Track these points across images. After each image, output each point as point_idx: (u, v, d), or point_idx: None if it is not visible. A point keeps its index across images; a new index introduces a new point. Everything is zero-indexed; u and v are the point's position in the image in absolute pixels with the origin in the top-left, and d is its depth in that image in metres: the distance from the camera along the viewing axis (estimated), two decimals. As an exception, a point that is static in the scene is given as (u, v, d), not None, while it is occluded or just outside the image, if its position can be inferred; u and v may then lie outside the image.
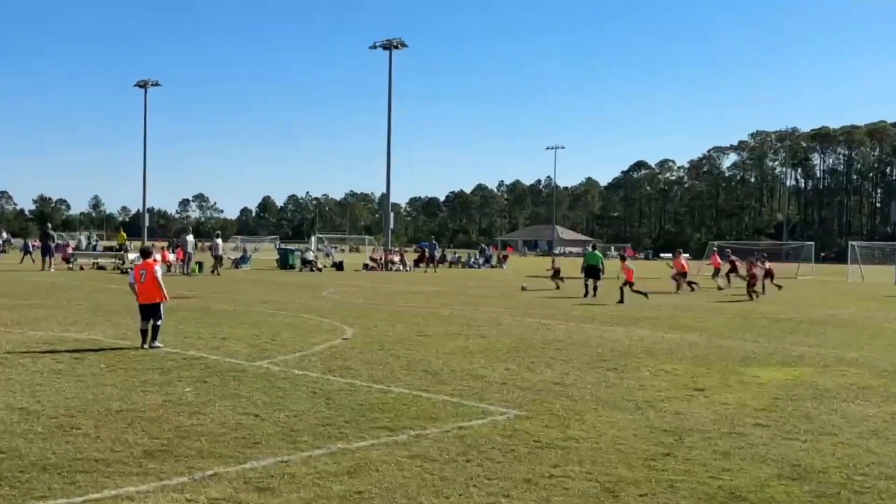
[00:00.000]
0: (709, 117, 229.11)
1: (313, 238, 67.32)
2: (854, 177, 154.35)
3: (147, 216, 68.59)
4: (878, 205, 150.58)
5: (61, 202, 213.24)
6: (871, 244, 66.44)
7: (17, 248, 75.65)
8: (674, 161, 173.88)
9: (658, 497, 5.63)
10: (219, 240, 36.86)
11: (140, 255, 13.68)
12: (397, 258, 46.38)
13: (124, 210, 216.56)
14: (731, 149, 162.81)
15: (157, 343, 12.02)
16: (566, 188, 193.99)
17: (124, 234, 49.53)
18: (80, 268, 37.42)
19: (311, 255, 43.53)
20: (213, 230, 52.04)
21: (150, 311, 12.09)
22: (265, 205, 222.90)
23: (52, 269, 34.94)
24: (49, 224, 40.67)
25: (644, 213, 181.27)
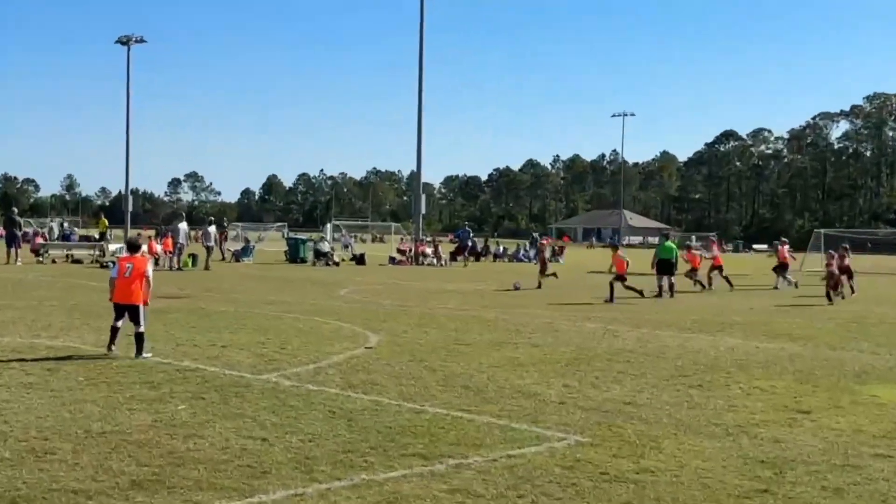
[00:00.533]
0: (814, 77, 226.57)
1: (329, 225, 67.83)
2: None
3: (131, 199, 69.22)
4: None
5: (28, 182, 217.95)
6: None
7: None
8: (770, 131, 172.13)
9: (754, 544, 5.59)
10: (211, 227, 37.15)
11: (126, 248, 13.79)
12: (430, 250, 46.50)
13: (103, 192, 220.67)
14: (842, 115, 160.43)
15: (146, 354, 12.13)
16: (636, 164, 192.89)
17: (105, 221, 50.00)
18: (52, 261, 38.00)
19: (326, 247, 43.81)
20: (207, 216, 52.43)
21: (125, 314, 12.20)
22: (270, 185, 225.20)
23: (18, 262, 35.45)
24: (14, 209, 41.33)
25: (733, 194, 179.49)
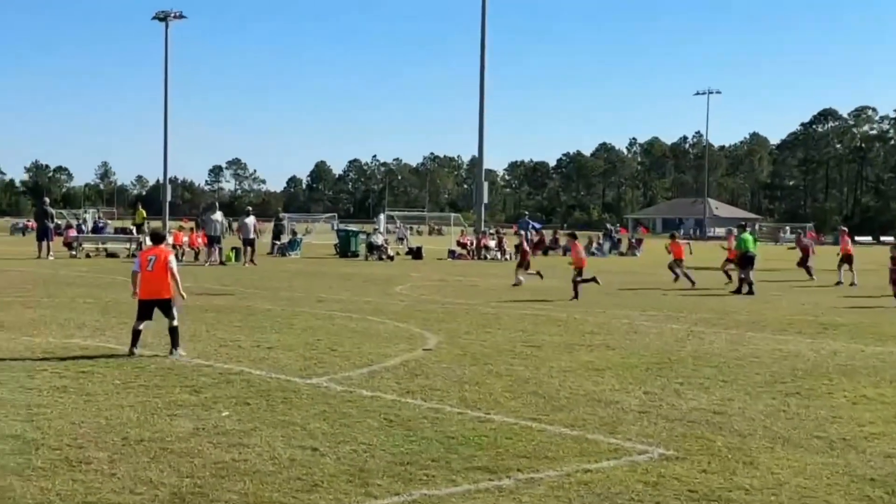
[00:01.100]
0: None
1: (382, 216, 67.99)
2: None
3: (169, 188, 70.29)
4: None
5: (61, 171, 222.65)
6: None
7: (5, 229, 79.07)
8: (875, 109, 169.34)
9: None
10: (250, 219, 37.29)
11: (151, 239, 14.02)
12: (493, 243, 46.45)
13: (140, 181, 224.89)
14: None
15: (180, 351, 12.36)
16: (722, 148, 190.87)
17: (143, 212, 50.73)
18: (87, 255, 38.77)
19: (379, 239, 44.03)
20: (248, 206, 52.94)
21: (152, 310, 12.43)
22: (319, 173, 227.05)
23: (50, 256, 36.18)
24: (46, 199, 42.12)
25: (832, 180, 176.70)
